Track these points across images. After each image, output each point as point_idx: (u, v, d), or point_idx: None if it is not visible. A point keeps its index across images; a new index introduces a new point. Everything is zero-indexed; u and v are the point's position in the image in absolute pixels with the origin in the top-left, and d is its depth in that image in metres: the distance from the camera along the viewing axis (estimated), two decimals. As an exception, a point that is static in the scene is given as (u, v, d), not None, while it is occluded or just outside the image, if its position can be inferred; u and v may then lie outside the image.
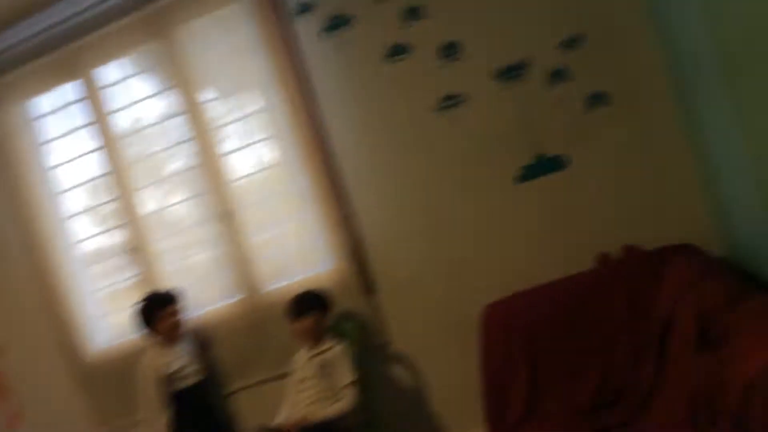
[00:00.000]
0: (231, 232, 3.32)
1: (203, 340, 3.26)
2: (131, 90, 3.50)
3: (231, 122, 3.38)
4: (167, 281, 3.33)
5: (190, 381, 3.07)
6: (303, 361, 2.95)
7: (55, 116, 3.60)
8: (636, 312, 2.50)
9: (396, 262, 3.16)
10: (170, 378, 3.01)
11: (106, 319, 3.53)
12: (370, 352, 3.09)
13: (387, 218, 3.16)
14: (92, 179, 3.53)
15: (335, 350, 2.89)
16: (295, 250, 3.32)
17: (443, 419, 3.17)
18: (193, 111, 3.36)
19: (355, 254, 3.16)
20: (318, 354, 2.90)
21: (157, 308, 3.06)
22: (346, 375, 2.83)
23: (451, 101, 3.07)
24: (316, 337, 2.92)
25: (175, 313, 3.09)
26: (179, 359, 3.06)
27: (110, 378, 3.40)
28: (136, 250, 3.42)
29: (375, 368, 3.13)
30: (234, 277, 3.32)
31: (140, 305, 3.10)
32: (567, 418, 2.42)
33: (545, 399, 2.53)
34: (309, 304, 2.93)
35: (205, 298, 3.38)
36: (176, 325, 3.08)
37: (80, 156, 3.54)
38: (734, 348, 1.76)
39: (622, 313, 2.55)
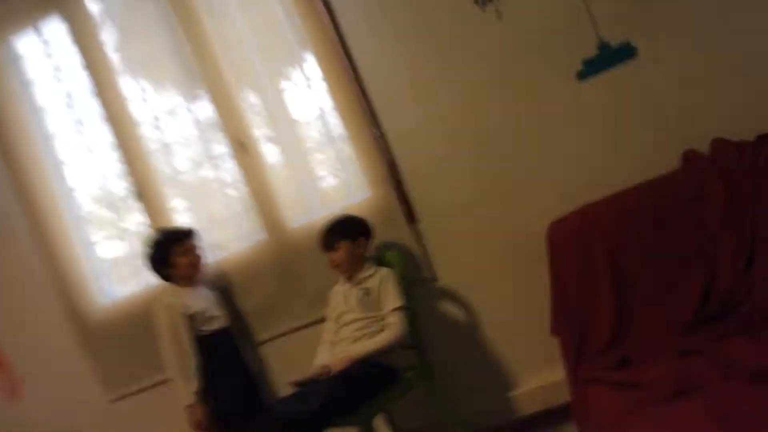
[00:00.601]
0: (249, 164, 2.92)
1: (225, 287, 2.87)
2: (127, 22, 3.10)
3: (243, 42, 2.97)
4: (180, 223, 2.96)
5: (215, 326, 2.68)
6: (341, 293, 2.57)
7: (43, 55, 3.22)
8: (738, 204, 2.08)
9: (438, 185, 2.74)
10: (192, 322, 2.61)
11: (113, 273, 3.17)
12: (416, 288, 2.66)
13: (424, 135, 2.75)
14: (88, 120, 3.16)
15: (378, 275, 2.51)
16: (324, 180, 2.92)
17: (506, 361, 2.75)
18: (198, 40, 2.94)
19: (390, 179, 2.75)
20: (358, 283, 2.52)
21: (173, 244, 2.68)
22: (391, 300, 2.44)
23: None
24: (353, 266, 2.55)
25: (192, 249, 2.71)
26: (200, 302, 2.67)
27: (120, 336, 3.02)
28: (143, 193, 3.03)
29: (422, 307, 2.70)
30: (256, 215, 2.93)
31: (153, 243, 2.72)
32: (666, 336, 2.00)
33: (637, 320, 2.10)
34: (342, 230, 2.56)
35: (224, 241, 3.00)
36: (195, 263, 2.71)
37: (73, 97, 3.19)
38: None
39: (720, 209, 2.11)
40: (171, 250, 2.66)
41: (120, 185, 3.13)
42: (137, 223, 3.07)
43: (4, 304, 3.25)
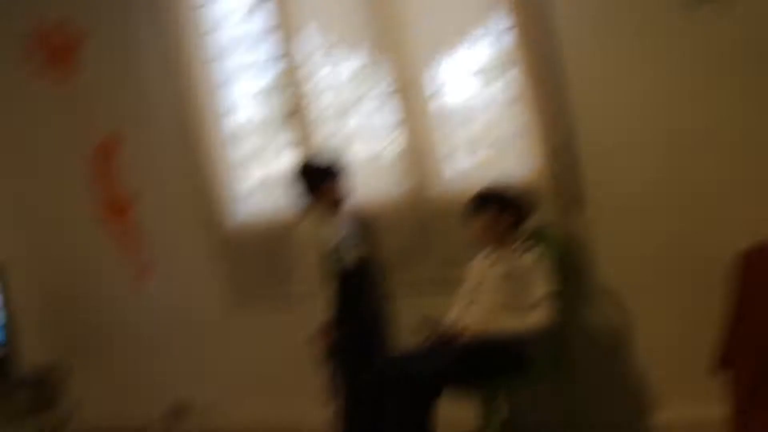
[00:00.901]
0: (411, 109, 2.71)
1: (364, 227, 2.73)
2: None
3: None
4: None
5: (350, 262, 2.58)
6: (481, 268, 2.34)
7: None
8: None
9: (617, 174, 2.41)
10: (329, 254, 2.53)
11: (257, 190, 3.15)
12: (568, 282, 2.36)
13: (614, 115, 2.41)
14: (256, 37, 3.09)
15: (528, 256, 2.25)
16: (487, 142, 2.66)
17: (650, 380, 2.42)
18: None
19: (564, 155, 2.45)
20: (502, 261, 2.28)
21: (328, 169, 2.59)
22: (542, 284, 2.19)
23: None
24: (495, 241, 2.31)
25: (341, 181, 2.61)
26: (339, 234, 2.58)
27: (252, 251, 3.05)
28: (295, 117, 2.95)
29: (571, 303, 2.40)
30: (404, 165, 2.75)
31: (308, 164, 2.65)
32: None
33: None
34: (491, 199, 2.32)
35: (367, 185, 2.84)
36: (342, 195, 2.60)
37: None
38: None
39: None
40: (324, 174, 2.58)
41: (275, 108, 3.05)
42: (285, 149, 3.02)
43: (153, 200, 3.40)
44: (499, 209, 2.31)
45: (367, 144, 2.90)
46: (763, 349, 1.88)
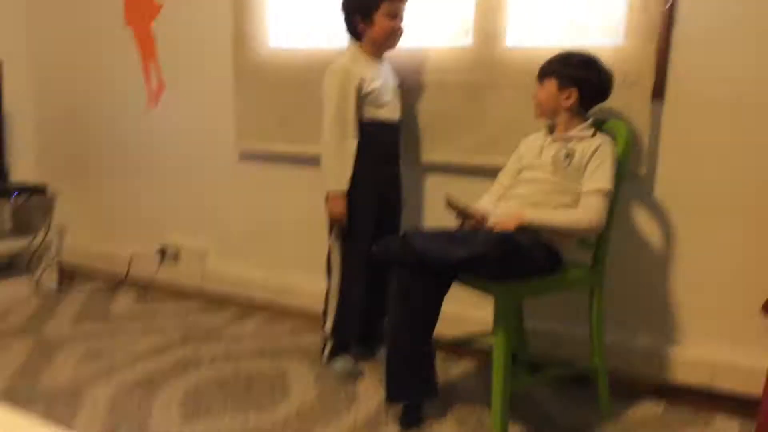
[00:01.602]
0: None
1: (407, 81, 2.40)
2: None
3: None
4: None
5: (383, 115, 2.22)
6: (537, 145, 2.05)
7: None
8: None
9: (711, 68, 2.05)
10: (364, 99, 2.17)
11: (303, 19, 2.75)
12: (623, 182, 2.03)
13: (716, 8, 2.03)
14: None
15: (592, 142, 1.93)
16: (573, 3, 2.28)
17: (684, 312, 2.20)
18: None
19: (658, 34, 2.08)
20: (564, 141, 1.98)
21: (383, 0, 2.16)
22: (599, 178, 1.88)
23: None
24: (557, 116, 2.00)
25: (400, 15, 2.20)
26: (379, 79, 2.20)
27: (274, 88, 2.72)
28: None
29: (620, 205, 2.14)
30: (471, 13, 2.37)
31: None
32: None
33: None
34: (561, 67, 1.97)
35: (429, 30, 2.48)
36: (396, 31, 2.20)
37: None
38: None
39: None
40: (379, 4, 2.16)
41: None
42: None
43: (178, 21, 3.04)
44: (562, 80, 1.97)
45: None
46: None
